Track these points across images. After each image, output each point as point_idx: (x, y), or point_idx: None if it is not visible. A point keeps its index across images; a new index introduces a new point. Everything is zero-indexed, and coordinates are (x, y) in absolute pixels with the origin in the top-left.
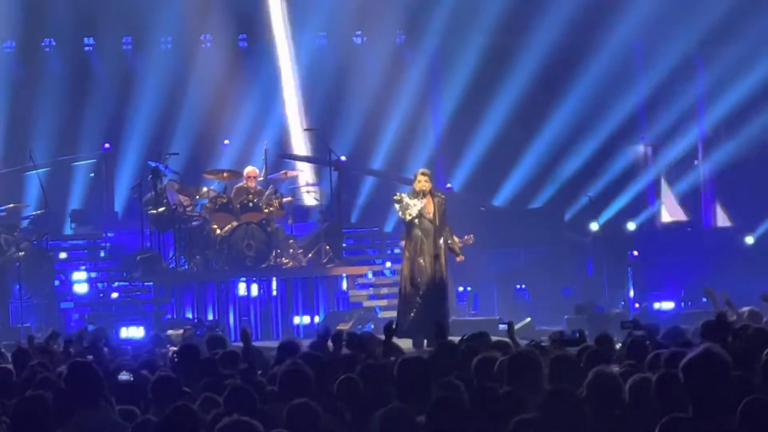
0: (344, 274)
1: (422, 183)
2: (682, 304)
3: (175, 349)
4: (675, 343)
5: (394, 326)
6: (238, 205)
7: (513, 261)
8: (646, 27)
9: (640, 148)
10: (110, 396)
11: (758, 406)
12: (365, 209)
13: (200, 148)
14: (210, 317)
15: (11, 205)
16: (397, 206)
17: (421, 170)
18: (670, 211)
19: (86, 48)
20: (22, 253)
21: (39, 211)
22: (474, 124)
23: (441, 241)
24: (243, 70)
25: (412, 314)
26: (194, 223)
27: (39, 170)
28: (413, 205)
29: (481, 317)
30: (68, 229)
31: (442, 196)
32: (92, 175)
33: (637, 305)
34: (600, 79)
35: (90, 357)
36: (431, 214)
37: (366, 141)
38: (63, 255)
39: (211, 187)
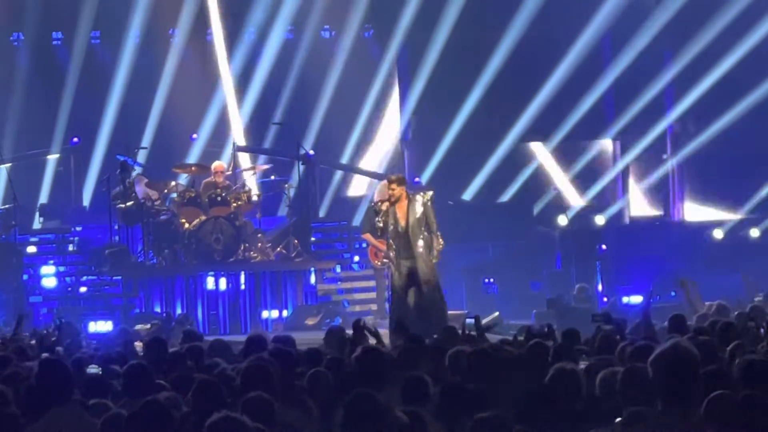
0: (312, 268)
1: (388, 194)
2: (651, 298)
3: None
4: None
5: (362, 323)
6: (207, 200)
7: (481, 255)
8: (615, 20)
9: (609, 142)
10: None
11: (723, 401)
12: (334, 204)
13: (168, 143)
14: (178, 311)
15: None
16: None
17: (387, 178)
18: (638, 205)
19: (54, 42)
20: None
21: (7, 206)
22: (442, 119)
23: (420, 242)
24: (211, 64)
25: (406, 313)
26: (162, 217)
27: (7, 164)
28: (378, 220)
29: (449, 311)
30: (36, 224)
31: (423, 199)
32: (61, 169)
33: (605, 299)
34: (569, 72)
35: (59, 349)
36: (403, 220)
37: (334, 135)
38: (31, 249)
39: (179, 181)
